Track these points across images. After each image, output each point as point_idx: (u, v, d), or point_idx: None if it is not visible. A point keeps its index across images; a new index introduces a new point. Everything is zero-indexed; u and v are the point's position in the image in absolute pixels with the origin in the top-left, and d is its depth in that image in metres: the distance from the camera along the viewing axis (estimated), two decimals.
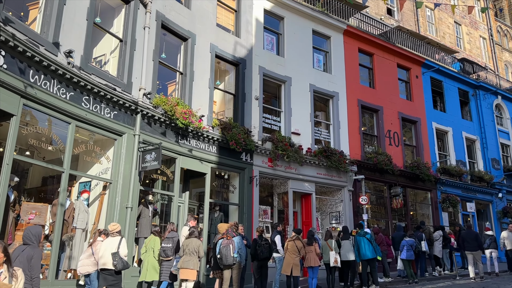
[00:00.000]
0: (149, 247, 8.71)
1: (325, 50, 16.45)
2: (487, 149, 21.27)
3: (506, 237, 14.13)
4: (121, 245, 7.26)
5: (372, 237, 11.04)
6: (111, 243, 7.31)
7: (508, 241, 13.95)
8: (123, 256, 7.24)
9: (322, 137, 15.40)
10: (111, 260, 7.12)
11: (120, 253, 7.21)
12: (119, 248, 7.20)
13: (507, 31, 35.75)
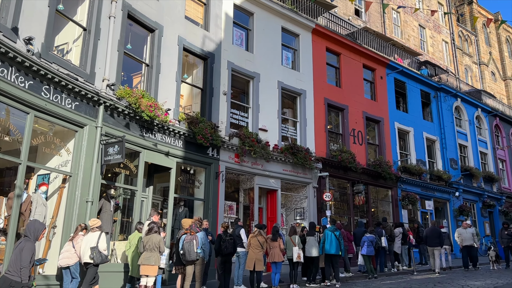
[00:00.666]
0: (133, 243, 8.97)
1: (294, 48, 16.59)
2: (446, 149, 22.14)
3: (460, 234, 14.69)
4: (100, 240, 7.55)
5: (340, 235, 11.28)
6: (91, 238, 7.59)
7: (464, 238, 14.47)
8: (102, 250, 7.52)
9: (289, 134, 15.55)
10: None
11: (99, 247, 7.48)
12: (98, 243, 7.48)
13: (468, 36, 37.28)
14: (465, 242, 14.42)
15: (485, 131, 25.97)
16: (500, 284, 10.32)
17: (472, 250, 14.39)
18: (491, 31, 40.48)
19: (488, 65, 37.96)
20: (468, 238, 14.39)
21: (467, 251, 14.46)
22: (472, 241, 14.31)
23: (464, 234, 14.59)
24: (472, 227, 15.30)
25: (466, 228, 14.72)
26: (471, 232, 14.52)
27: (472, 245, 14.32)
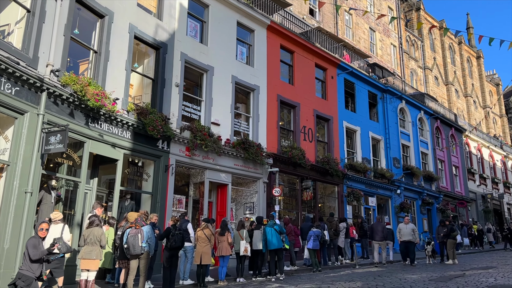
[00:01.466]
0: (110, 238, 9.34)
1: (249, 43, 16.62)
2: (390, 148, 23.20)
3: (401, 229, 15.34)
4: (64, 231, 7.78)
5: (280, 228, 11.49)
6: (55, 230, 7.70)
7: (403, 233, 15.01)
8: (66, 240, 7.67)
9: (242, 129, 15.60)
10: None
11: (64, 238, 7.62)
12: (62, 234, 7.68)
13: (415, 41, 39.16)
14: (404, 237, 14.85)
15: (426, 133, 27.47)
16: (434, 277, 11.01)
17: (410, 245, 14.74)
18: (436, 38, 42.80)
19: (432, 70, 40.14)
20: (407, 234, 14.81)
21: (405, 246, 14.87)
22: (410, 237, 14.74)
23: (404, 229, 15.03)
24: (411, 223, 15.89)
25: (407, 224, 15.17)
26: (411, 228, 14.96)
27: (410, 241, 14.71)
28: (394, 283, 9.95)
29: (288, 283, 10.22)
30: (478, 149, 33.92)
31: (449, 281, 10.08)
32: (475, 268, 13.17)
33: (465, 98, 44.97)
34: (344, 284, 9.83)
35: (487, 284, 9.44)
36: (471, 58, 48.72)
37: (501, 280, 10.07)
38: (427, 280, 10.46)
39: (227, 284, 10.16)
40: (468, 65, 47.44)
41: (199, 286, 9.70)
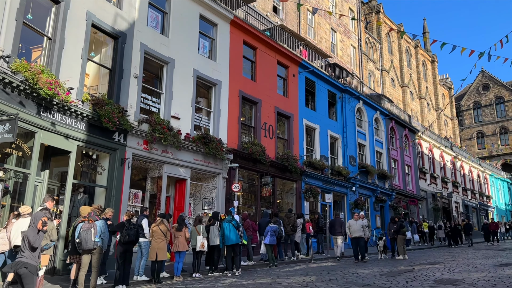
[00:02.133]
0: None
1: (211, 37, 16.48)
2: (347, 147, 23.82)
3: (351, 225, 15.12)
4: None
5: (238, 223, 11.52)
6: (22, 223, 7.61)
7: (353, 229, 14.86)
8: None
9: (202, 124, 15.46)
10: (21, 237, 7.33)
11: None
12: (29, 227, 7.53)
13: (374, 44, 40.35)
14: (354, 234, 14.66)
15: (381, 133, 28.43)
16: (385, 272, 11.45)
17: (361, 241, 14.58)
18: (394, 41, 44.32)
19: (389, 72, 41.55)
20: (357, 230, 14.63)
21: (356, 242, 14.64)
22: (361, 233, 14.56)
23: (354, 226, 14.82)
24: (364, 219, 15.64)
25: (357, 220, 14.94)
26: (361, 224, 14.75)
27: (360, 237, 14.55)
28: (347, 277, 10.25)
29: (244, 278, 10.28)
30: (430, 149, 35.52)
31: (398, 276, 10.51)
32: (423, 264, 13.81)
33: (419, 100, 46.94)
34: (299, 279, 10.01)
35: (434, 279, 9.93)
36: (426, 62, 50.87)
37: (447, 275, 10.62)
38: (378, 274, 10.85)
39: (183, 280, 10.08)
40: (423, 68, 49.51)
41: (154, 282, 9.55)
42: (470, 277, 10.21)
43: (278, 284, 9.19)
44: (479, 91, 60.31)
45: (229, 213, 12.25)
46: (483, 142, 57.84)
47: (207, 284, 9.41)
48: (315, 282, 9.45)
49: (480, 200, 42.76)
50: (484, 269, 11.85)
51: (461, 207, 38.55)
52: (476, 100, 60.04)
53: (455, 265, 12.94)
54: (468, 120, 60.09)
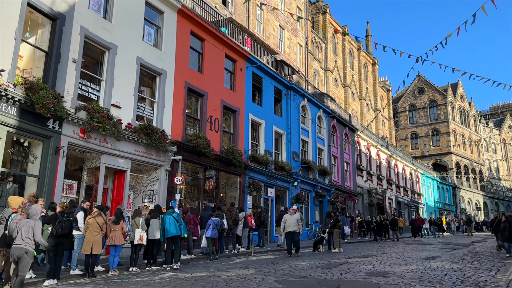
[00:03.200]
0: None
1: (158, 25, 16.02)
2: (290, 143, 24.32)
3: (286, 220, 14.60)
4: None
5: (179, 216, 11.38)
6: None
7: (288, 224, 14.40)
8: None
9: (145, 114, 15.02)
10: None
11: None
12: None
13: (319, 43, 41.39)
14: (289, 228, 14.27)
15: (324, 130, 29.33)
16: (321, 264, 11.86)
17: (295, 236, 14.30)
18: (338, 42, 45.76)
19: (333, 72, 42.88)
20: (292, 224, 14.27)
21: (290, 236, 14.25)
22: (296, 227, 14.24)
23: (289, 220, 14.44)
24: (297, 212, 15.08)
25: (292, 214, 14.53)
26: (296, 218, 14.42)
27: (295, 231, 14.23)
28: (285, 270, 10.49)
29: (183, 272, 10.17)
30: (368, 148, 37.22)
31: (333, 268, 10.94)
32: (357, 256, 14.49)
33: (360, 101, 48.95)
34: (238, 272, 10.09)
35: (366, 271, 10.45)
36: (367, 64, 53.11)
37: (378, 267, 11.21)
38: (315, 267, 11.22)
39: (119, 274, 9.77)
40: (364, 70, 51.65)
41: (88, 276, 9.18)
42: (400, 269, 10.86)
43: (217, 277, 9.20)
44: (415, 94, 64.05)
45: (169, 207, 12.04)
46: (417, 143, 61.65)
47: (144, 278, 9.20)
48: (254, 275, 9.58)
49: (412, 197, 45.56)
50: (412, 262, 12.66)
51: (394, 203, 40.86)
52: (411, 103, 63.74)
53: (386, 258, 13.70)
54: (403, 121, 63.69)
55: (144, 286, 8.20)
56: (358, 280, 9.02)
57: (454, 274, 9.97)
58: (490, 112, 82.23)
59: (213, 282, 8.56)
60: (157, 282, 8.65)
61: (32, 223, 6.89)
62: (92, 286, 8.15)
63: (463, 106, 63.99)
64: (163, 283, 8.59)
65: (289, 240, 14.24)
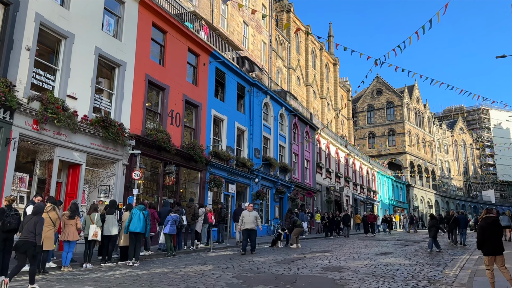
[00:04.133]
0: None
1: (118, 15, 15.55)
2: (252, 139, 24.40)
3: (244, 217, 14.32)
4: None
5: (148, 215, 11.20)
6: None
7: (246, 221, 14.09)
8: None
9: (103, 106, 14.56)
10: None
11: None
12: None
13: (283, 42, 41.72)
14: (247, 225, 14.00)
15: (285, 128, 29.65)
16: (279, 260, 12.02)
17: (252, 233, 14.02)
18: (301, 41, 46.31)
19: (295, 71, 43.37)
20: (250, 221, 14.00)
21: (247, 234, 14.00)
22: (253, 225, 13.98)
23: (247, 217, 14.15)
24: (254, 210, 14.68)
25: (250, 211, 14.25)
26: (254, 216, 14.17)
27: (252, 228, 13.97)
28: (243, 265, 10.54)
29: (139, 268, 9.98)
30: (327, 146, 38.00)
31: (291, 263, 11.12)
32: (314, 252, 14.80)
33: (321, 100, 49.85)
34: (196, 268, 10.03)
35: (322, 266, 10.70)
36: (329, 64, 54.13)
37: (334, 262, 11.51)
38: (273, 262, 11.36)
39: (72, 270, 9.45)
40: (326, 70, 52.61)
41: (39, 272, 8.80)
42: (354, 264, 11.20)
43: (174, 274, 9.10)
44: (373, 95, 66.07)
45: (141, 203, 11.80)
46: (374, 142, 63.66)
47: (98, 275, 8.95)
48: (212, 271, 9.56)
49: (368, 194, 47.02)
50: (366, 257, 13.09)
51: (351, 200, 42.01)
52: (370, 103, 65.71)
53: (342, 254, 14.08)
54: (362, 121, 65.58)
55: (98, 283, 7.98)
56: (314, 275, 9.22)
57: (406, 269, 10.41)
58: (444, 114, 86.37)
59: (170, 279, 8.46)
60: (111, 279, 8.45)
61: (36, 220, 7.48)
62: (43, 283, 7.84)
63: (418, 108, 66.68)
64: (118, 280, 8.40)
65: (246, 237, 13.98)
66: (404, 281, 8.56)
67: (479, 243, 7.45)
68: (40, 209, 7.87)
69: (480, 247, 7.44)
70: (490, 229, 7.39)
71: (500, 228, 7.85)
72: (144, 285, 7.81)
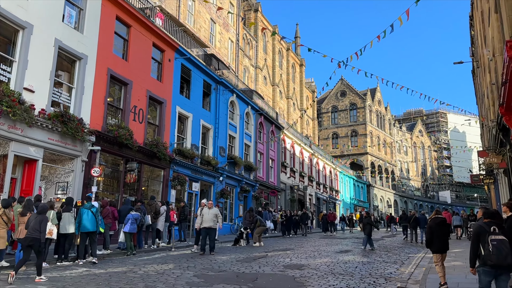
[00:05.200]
0: None
1: (80, 7, 15.06)
2: (218, 138, 24.31)
3: (204, 215, 13.36)
4: None
5: (97, 211, 10.87)
6: None
7: (205, 219, 13.19)
8: None
9: (62, 100, 14.06)
10: None
11: None
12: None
13: (250, 41, 41.78)
14: (205, 223, 13.08)
15: (251, 127, 29.73)
16: (241, 258, 12.05)
17: (211, 232, 13.18)
18: (268, 41, 46.55)
19: (262, 70, 43.55)
20: (208, 219, 13.10)
21: (206, 232, 13.11)
22: (212, 223, 13.07)
23: (206, 214, 13.24)
24: (214, 207, 13.76)
25: (210, 208, 13.33)
26: (214, 213, 13.22)
27: (211, 227, 13.09)
28: (204, 264, 10.50)
29: (97, 267, 9.73)
30: (292, 145, 38.43)
31: (253, 262, 11.17)
32: (276, 250, 14.93)
33: (287, 100, 50.34)
34: (156, 267, 9.89)
35: (283, 264, 10.82)
36: (295, 65, 54.73)
37: (295, 260, 11.67)
38: (235, 260, 11.37)
39: (25, 270, 9.07)
40: (292, 70, 53.17)
41: None
42: (315, 262, 11.40)
43: (133, 273, 8.93)
44: (337, 96, 67.45)
45: (87, 199, 11.42)
46: (337, 143, 65.07)
47: (54, 274, 8.65)
48: (172, 270, 9.45)
49: (330, 193, 47.98)
50: (327, 255, 13.36)
51: (314, 199, 42.72)
52: (334, 105, 67.06)
53: (303, 252, 14.30)
54: (326, 122, 66.83)
55: (53, 282, 7.71)
56: (275, 273, 9.31)
57: (364, 267, 10.71)
58: (404, 117, 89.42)
59: (128, 278, 8.30)
60: (67, 279, 8.19)
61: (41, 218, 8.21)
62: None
63: (380, 110, 68.67)
64: (74, 279, 8.16)
65: (204, 235, 13.16)
66: (361, 278, 8.80)
67: (428, 242, 8.02)
68: (44, 209, 8.48)
69: (429, 246, 7.97)
70: (437, 229, 7.90)
71: (447, 228, 8.36)
72: (102, 284, 7.62)
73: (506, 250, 5.01)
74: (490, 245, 5.07)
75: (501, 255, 5.00)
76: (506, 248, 5.02)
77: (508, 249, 5.02)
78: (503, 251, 5.01)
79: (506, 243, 5.06)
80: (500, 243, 5.06)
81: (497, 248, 5.03)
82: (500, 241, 5.07)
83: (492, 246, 5.06)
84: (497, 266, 5.06)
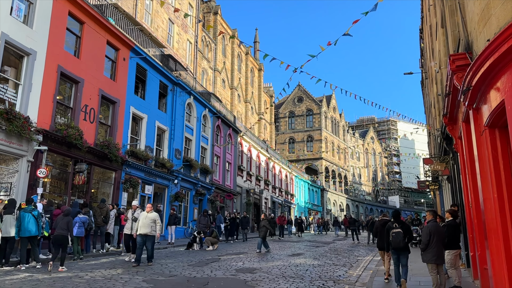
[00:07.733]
0: None
1: (30, 1, 14.35)
2: (173, 140, 23.94)
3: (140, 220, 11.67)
4: None
5: (39, 214, 10.37)
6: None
7: (141, 224, 11.48)
8: None
9: (7, 97, 13.30)
10: None
11: None
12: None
13: (209, 43, 41.60)
14: (142, 229, 11.31)
15: (208, 129, 29.55)
16: (193, 262, 11.92)
17: (149, 240, 11.37)
18: (228, 44, 46.57)
19: (221, 73, 43.47)
20: (145, 225, 11.32)
21: (143, 240, 11.32)
22: (149, 229, 11.31)
23: (142, 219, 11.42)
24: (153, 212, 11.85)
25: (149, 212, 11.56)
26: (152, 218, 11.45)
27: (147, 234, 11.32)
28: (154, 269, 10.29)
29: (41, 272, 9.28)
30: (249, 149, 38.58)
31: (205, 266, 11.09)
32: (229, 254, 14.92)
33: (245, 104, 50.53)
34: (104, 272, 9.58)
35: (236, 268, 10.82)
36: (254, 69, 55.09)
37: (247, 264, 11.70)
38: (187, 265, 11.24)
39: None
40: (251, 74, 53.47)
41: None
42: (267, 265, 11.50)
43: (79, 278, 8.60)
44: (294, 102, 68.56)
45: (30, 201, 10.87)
46: (293, 147, 66.07)
47: None
48: (120, 275, 9.20)
49: (286, 197, 48.57)
50: (279, 258, 13.52)
51: (270, 203, 43.07)
52: (291, 110, 68.11)
53: (256, 256, 14.38)
54: (283, 127, 67.72)
55: None
56: (227, 277, 9.30)
57: (314, 269, 10.94)
58: (357, 124, 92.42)
59: (73, 283, 7.98)
60: (7, 285, 7.75)
61: (68, 220, 10.24)
62: None
63: (334, 117, 70.53)
64: (15, 285, 7.73)
65: (141, 244, 11.30)
66: (311, 281, 8.98)
67: (374, 237, 9.47)
68: (69, 211, 10.50)
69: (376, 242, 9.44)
70: (381, 228, 9.16)
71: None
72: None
73: (400, 238, 8.06)
74: (391, 236, 8.24)
75: (396, 241, 8.12)
76: (399, 237, 8.07)
77: (401, 238, 8.04)
78: (397, 239, 8.09)
79: (400, 234, 8.08)
80: (397, 234, 8.12)
81: (394, 237, 8.14)
82: (397, 233, 8.13)
83: (392, 236, 8.21)
84: (395, 248, 8.21)
